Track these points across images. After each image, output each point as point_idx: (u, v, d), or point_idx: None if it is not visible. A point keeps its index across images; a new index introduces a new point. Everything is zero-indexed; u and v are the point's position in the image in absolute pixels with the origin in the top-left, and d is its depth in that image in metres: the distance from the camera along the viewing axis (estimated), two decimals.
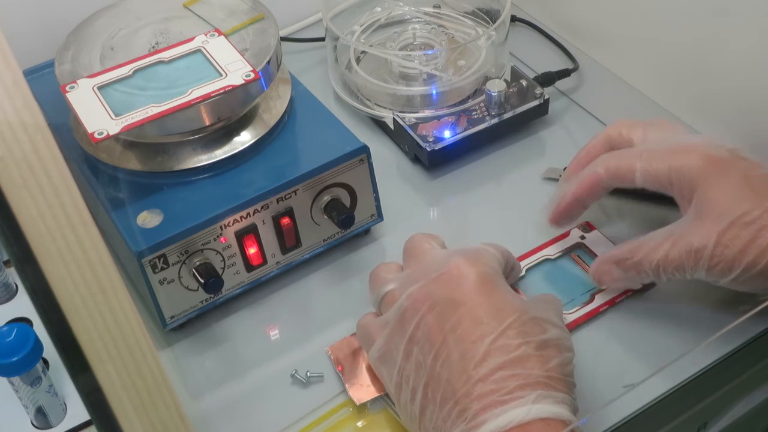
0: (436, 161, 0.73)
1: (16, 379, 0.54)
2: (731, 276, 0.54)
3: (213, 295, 0.62)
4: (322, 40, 0.84)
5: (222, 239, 0.60)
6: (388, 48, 0.80)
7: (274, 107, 0.67)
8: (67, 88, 0.60)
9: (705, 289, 0.61)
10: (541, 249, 0.66)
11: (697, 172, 0.56)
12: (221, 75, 0.61)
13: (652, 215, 0.69)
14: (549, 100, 0.76)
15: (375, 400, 0.57)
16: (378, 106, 0.77)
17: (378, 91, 0.77)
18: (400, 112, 0.74)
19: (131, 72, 0.62)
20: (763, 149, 0.71)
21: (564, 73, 0.80)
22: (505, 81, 0.74)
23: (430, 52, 0.79)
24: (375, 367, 0.55)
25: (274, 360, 0.61)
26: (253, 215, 0.61)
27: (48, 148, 0.33)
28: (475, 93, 0.76)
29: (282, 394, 0.59)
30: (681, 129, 0.63)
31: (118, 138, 0.62)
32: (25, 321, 0.62)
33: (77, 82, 0.61)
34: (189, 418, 0.40)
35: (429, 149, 0.71)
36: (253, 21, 0.67)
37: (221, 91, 0.60)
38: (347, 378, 0.58)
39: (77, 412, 0.58)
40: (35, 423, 0.57)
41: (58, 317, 0.34)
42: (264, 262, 0.63)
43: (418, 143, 0.72)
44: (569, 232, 0.67)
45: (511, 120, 0.74)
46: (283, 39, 0.86)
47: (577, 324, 0.61)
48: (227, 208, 0.59)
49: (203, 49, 0.63)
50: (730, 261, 0.54)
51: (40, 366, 0.54)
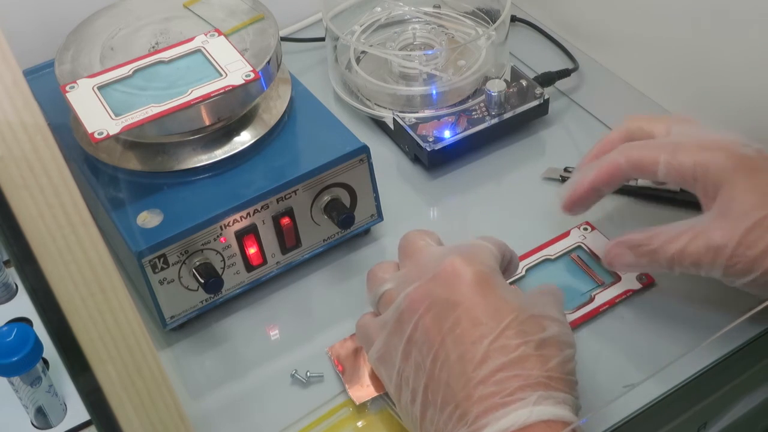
0: (436, 161, 0.73)
1: (16, 379, 0.54)
2: (749, 278, 0.53)
3: (213, 295, 0.62)
4: (322, 40, 0.84)
5: (222, 239, 0.60)
6: (388, 48, 0.80)
7: (274, 107, 0.67)
8: (67, 88, 0.60)
9: (705, 290, 0.61)
10: (541, 249, 0.66)
11: (724, 169, 0.55)
12: (221, 75, 0.61)
13: (653, 216, 0.69)
14: (549, 100, 0.76)
15: (375, 400, 0.57)
16: (378, 106, 0.77)
17: (378, 91, 0.77)
18: (400, 112, 0.74)
19: (131, 72, 0.62)
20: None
21: (564, 73, 0.80)
22: (505, 81, 0.74)
23: (430, 52, 0.79)
24: (375, 368, 0.55)
25: (274, 360, 0.61)
26: (253, 215, 0.61)
27: (48, 148, 0.33)
28: (475, 93, 0.76)
29: (282, 394, 0.59)
30: (706, 126, 0.61)
31: (118, 138, 0.62)
32: (25, 321, 0.62)
33: (77, 82, 0.61)
34: (189, 418, 0.40)
35: (429, 149, 0.71)
36: (253, 21, 0.67)
37: (221, 91, 0.60)
38: (347, 378, 0.58)
39: (77, 412, 0.58)
40: (35, 423, 0.57)
41: (58, 317, 0.35)
42: (264, 262, 0.63)
43: (418, 143, 0.72)
44: (569, 231, 0.67)
45: (511, 120, 0.74)
46: (283, 39, 0.86)
47: (577, 324, 0.61)
48: (227, 208, 0.59)
49: (203, 49, 0.63)
50: (750, 262, 0.53)
51: (40, 366, 0.54)
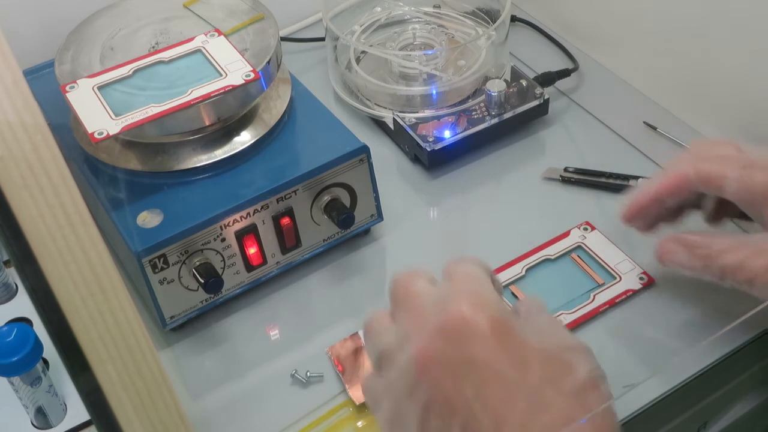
0: (436, 161, 0.73)
1: (16, 379, 0.54)
2: None
3: (213, 295, 0.62)
4: (322, 40, 0.84)
5: (222, 239, 0.60)
6: (388, 48, 0.80)
7: (274, 107, 0.67)
8: (67, 88, 0.60)
9: (705, 290, 0.61)
10: (541, 249, 0.66)
11: None
12: (221, 75, 0.61)
13: None
14: (549, 100, 0.76)
15: None
16: (378, 106, 0.77)
17: (378, 91, 0.77)
18: (400, 112, 0.74)
19: (131, 72, 0.62)
20: None
21: (564, 73, 0.80)
22: (505, 81, 0.74)
23: (430, 52, 0.79)
24: None
25: (274, 360, 0.61)
26: (253, 215, 0.61)
27: (48, 148, 0.33)
28: (475, 93, 0.76)
29: (282, 394, 0.59)
30: None
31: (118, 138, 0.62)
32: (25, 321, 0.62)
33: (77, 82, 0.61)
34: (189, 418, 0.40)
35: (429, 149, 0.71)
36: (253, 21, 0.67)
37: (221, 91, 0.60)
38: (347, 378, 0.58)
39: (77, 412, 0.58)
40: (35, 423, 0.57)
41: (58, 317, 0.35)
42: (264, 262, 0.63)
43: (418, 143, 0.72)
44: (569, 231, 0.67)
45: (511, 120, 0.74)
46: (283, 39, 0.86)
47: (577, 324, 0.61)
48: (227, 208, 0.59)
49: (203, 49, 0.63)
50: None
51: (40, 366, 0.54)
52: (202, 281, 0.59)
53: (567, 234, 0.67)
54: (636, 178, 0.71)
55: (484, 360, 0.43)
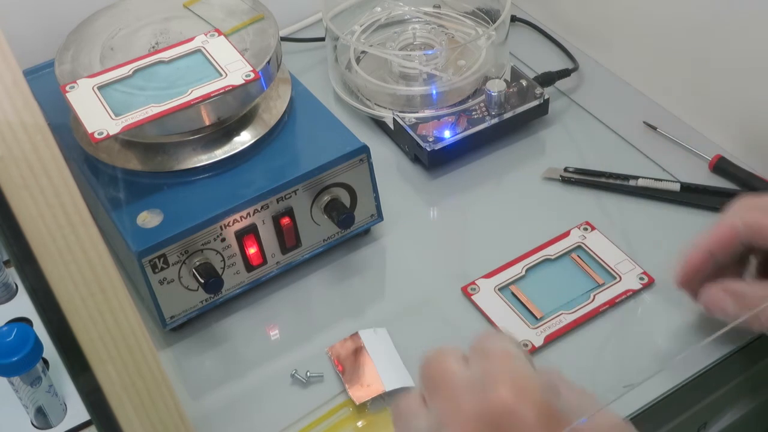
0: (436, 161, 0.73)
1: (16, 379, 0.54)
2: None
3: (213, 295, 0.62)
4: (322, 40, 0.84)
5: (222, 239, 0.60)
6: (388, 48, 0.80)
7: (274, 107, 0.67)
8: (67, 88, 0.60)
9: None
10: (541, 249, 0.66)
11: None
12: (221, 75, 0.61)
13: (653, 216, 0.69)
14: (549, 100, 0.75)
15: (375, 400, 0.57)
16: (378, 106, 0.77)
17: (378, 91, 0.77)
18: (400, 112, 0.74)
19: (131, 72, 0.62)
20: (762, 149, 0.71)
21: (564, 73, 0.80)
22: (505, 81, 0.74)
23: (430, 52, 0.79)
24: None
25: (274, 360, 0.61)
26: (253, 215, 0.61)
27: (48, 148, 0.33)
28: (475, 93, 0.76)
29: (282, 394, 0.59)
30: None
31: (118, 138, 0.62)
32: (25, 321, 0.62)
33: (77, 82, 0.61)
34: (189, 418, 0.40)
35: (429, 149, 0.71)
36: (253, 21, 0.67)
37: (221, 91, 0.60)
38: (347, 378, 0.58)
39: (77, 412, 0.58)
40: (35, 423, 0.57)
41: (58, 317, 0.35)
42: (264, 262, 0.63)
43: (418, 143, 0.72)
44: (569, 231, 0.67)
45: (511, 120, 0.74)
46: (283, 39, 0.86)
47: (577, 324, 0.61)
48: (227, 208, 0.59)
49: (203, 49, 0.63)
50: None
51: (40, 366, 0.54)
52: (202, 281, 0.59)
53: (567, 234, 0.67)
54: (636, 178, 0.71)
55: None
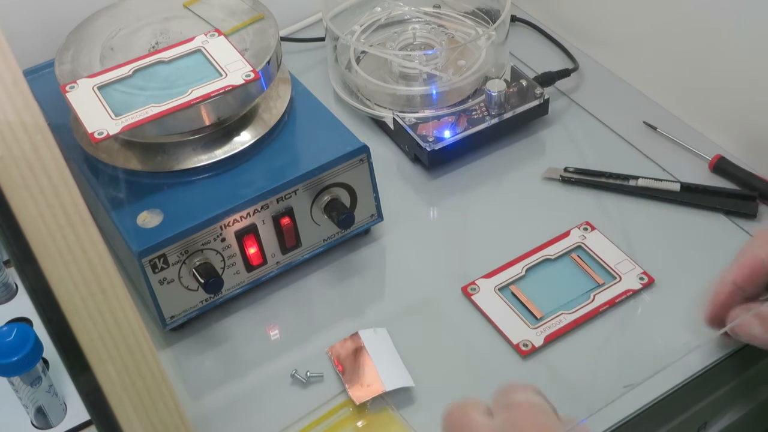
0: (436, 161, 0.73)
1: (16, 379, 0.54)
2: None
3: (213, 295, 0.62)
4: (322, 40, 0.84)
5: (222, 239, 0.60)
6: (388, 48, 0.80)
7: (274, 107, 0.67)
8: (67, 88, 0.60)
9: (705, 290, 0.61)
10: (541, 249, 0.66)
11: None
12: (221, 75, 0.61)
13: (653, 216, 0.69)
14: (549, 100, 0.75)
15: (375, 400, 0.57)
16: (378, 106, 0.77)
17: (378, 91, 0.77)
18: (400, 112, 0.74)
19: (131, 72, 0.62)
20: (762, 149, 0.71)
21: (564, 73, 0.80)
22: (505, 81, 0.74)
23: (430, 52, 0.79)
24: None
25: (274, 360, 0.61)
26: (253, 215, 0.61)
27: (48, 148, 0.33)
28: (475, 93, 0.76)
29: (282, 394, 0.59)
30: None
31: (118, 138, 0.62)
32: (25, 321, 0.62)
33: (77, 82, 0.61)
34: (189, 418, 0.40)
35: (429, 149, 0.71)
36: (253, 21, 0.67)
37: (221, 91, 0.60)
38: (347, 378, 0.58)
39: (77, 412, 0.58)
40: (35, 423, 0.57)
41: (58, 317, 0.34)
42: (264, 262, 0.63)
43: (418, 143, 0.72)
44: (569, 231, 0.67)
45: (511, 120, 0.74)
46: (283, 39, 0.86)
47: (577, 324, 0.61)
48: (227, 208, 0.59)
49: (203, 49, 0.63)
50: None
51: (40, 366, 0.54)
52: (202, 281, 0.59)
53: (567, 234, 0.67)
54: (636, 178, 0.71)
55: None
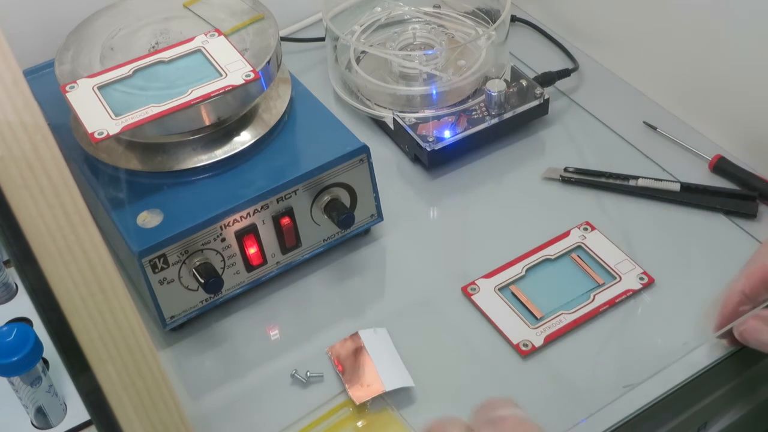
0: (436, 161, 0.73)
1: (16, 379, 0.54)
2: None
3: (213, 295, 0.62)
4: (322, 40, 0.84)
5: (222, 239, 0.60)
6: (388, 48, 0.80)
7: (274, 107, 0.67)
8: (67, 88, 0.60)
9: (705, 290, 0.61)
10: (541, 249, 0.66)
11: None
12: (221, 75, 0.61)
13: (653, 216, 0.69)
14: (549, 100, 0.75)
15: (375, 400, 0.57)
16: (378, 106, 0.77)
17: (378, 91, 0.77)
18: (400, 112, 0.74)
19: (131, 72, 0.62)
20: (762, 149, 0.71)
21: (564, 73, 0.80)
22: (505, 81, 0.74)
23: (430, 52, 0.79)
24: None
25: (274, 360, 0.61)
26: (253, 215, 0.61)
27: (48, 148, 0.33)
28: (475, 93, 0.76)
29: (282, 394, 0.59)
30: None
31: (118, 138, 0.62)
32: (25, 321, 0.62)
33: (77, 82, 0.61)
34: (189, 418, 0.40)
35: (429, 149, 0.71)
36: (253, 21, 0.67)
37: (221, 91, 0.60)
38: (347, 378, 0.58)
39: (77, 412, 0.58)
40: (35, 423, 0.57)
41: (58, 317, 0.34)
42: (264, 262, 0.63)
43: (418, 143, 0.72)
44: (569, 231, 0.67)
45: (511, 120, 0.74)
46: (283, 39, 0.86)
47: (577, 324, 0.61)
48: (227, 208, 0.59)
49: (203, 49, 0.63)
50: None
51: (40, 366, 0.54)
52: (202, 281, 0.59)
53: (567, 234, 0.67)
54: (636, 178, 0.71)
55: None
